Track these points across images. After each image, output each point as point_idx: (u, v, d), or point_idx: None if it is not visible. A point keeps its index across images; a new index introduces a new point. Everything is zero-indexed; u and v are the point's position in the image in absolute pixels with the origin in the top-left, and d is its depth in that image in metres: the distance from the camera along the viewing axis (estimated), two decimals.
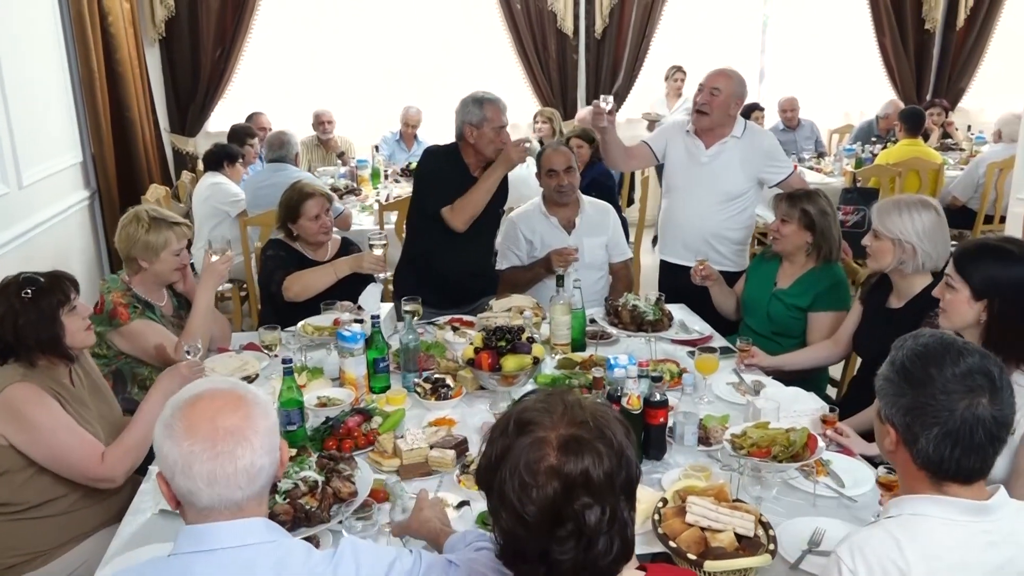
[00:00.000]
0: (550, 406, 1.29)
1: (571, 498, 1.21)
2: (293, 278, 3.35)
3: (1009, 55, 8.22)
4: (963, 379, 1.42)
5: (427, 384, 2.70)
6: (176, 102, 6.98)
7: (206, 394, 1.39)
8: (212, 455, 1.32)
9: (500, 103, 3.50)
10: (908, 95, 8.10)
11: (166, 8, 6.65)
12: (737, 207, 3.76)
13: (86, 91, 5.39)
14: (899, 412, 1.47)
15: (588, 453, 1.23)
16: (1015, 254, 2.04)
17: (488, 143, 3.44)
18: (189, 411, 1.36)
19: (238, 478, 1.34)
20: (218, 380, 1.48)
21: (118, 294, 2.83)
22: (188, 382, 2.40)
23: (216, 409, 1.36)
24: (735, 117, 3.73)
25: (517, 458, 1.24)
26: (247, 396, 1.41)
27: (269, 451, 1.39)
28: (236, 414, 1.36)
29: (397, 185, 6.08)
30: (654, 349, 3.03)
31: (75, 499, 2.28)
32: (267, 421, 1.40)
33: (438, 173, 3.55)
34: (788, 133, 7.35)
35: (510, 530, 1.26)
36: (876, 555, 1.40)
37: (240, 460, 1.34)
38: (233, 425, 1.35)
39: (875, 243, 2.72)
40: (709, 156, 3.72)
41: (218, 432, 1.34)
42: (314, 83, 7.44)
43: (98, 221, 5.70)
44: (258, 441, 1.36)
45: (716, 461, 2.29)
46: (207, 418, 1.35)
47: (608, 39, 7.55)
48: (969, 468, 1.43)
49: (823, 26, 8.25)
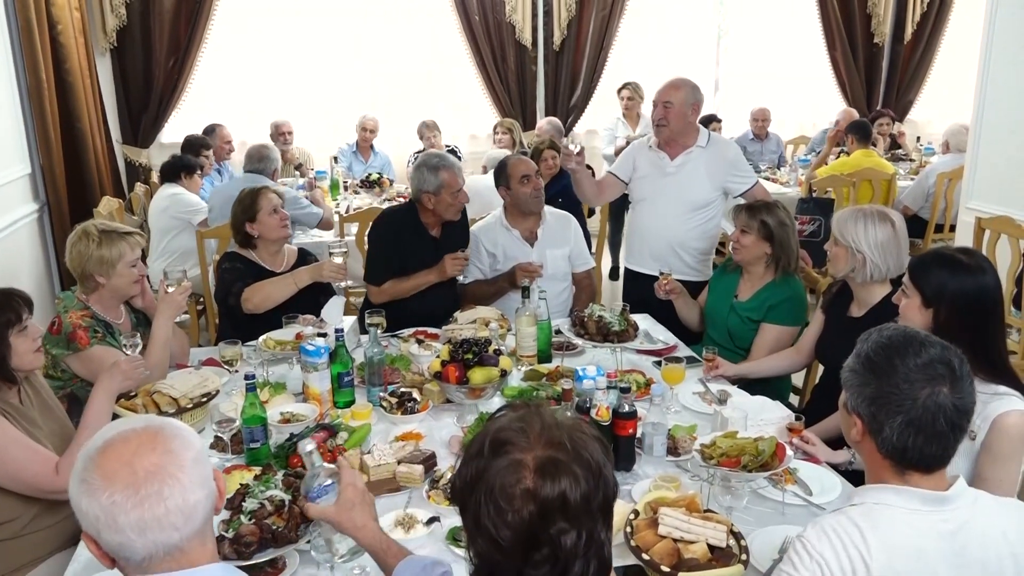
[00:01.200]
0: (526, 425, 1.26)
1: (547, 523, 1.19)
2: (252, 289, 3.29)
3: (955, 69, 8.47)
4: (924, 368, 1.48)
5: (393, 398, 2.66)
6: (128, 113, 6.85)
7: (118, 437, 1.27)
8: (136, 501, 1.22)
9: (455, 166, 3.50)
10: (859, 107, 8.30)
11: (117, 17, 6.53)
12: (703, 217, 3.80)
13: (34, 101, 5.25)
14: (864, 402, 1.52)
15: (565, 476, 1.20)
16: (965, 264, 2.11)
17: (447, 207, 3.49)
18: (102, 459, 1.25)
19: (171, 519, 1.24)
20: (129, 420, 1.36)
21: (76, 315, 2.73)
22: (129, 378, 2.38)
23: (131, 451, 1.25)
24: (695, 124, 3.78)
25: (492, 480, 1.21)
26: (164, 429, 1.31)
27: (201, 483, 1.29)
28: (155, 452, 1.26)
29: (357, 196, 6.04)
30: (620, 359, 3.04)
31: (27, 521, 2.20)
32: (191, 451, 1.30)
33: (395, 240, 3.56)
34: (756, 143, 7.46)
35: (485, 553, 1.24)
36: (840, 541, 1.45)
37: (169, 500, 1.24)
38: (154, 464, 1.24)
39: (833, 248, 2.78)
40: (675, 167, 3.76)
41: (138, 475, 1.23)
42: (270, 94, 7.36)
43: (48, 234, 5.55)
44: (186, 476, 1.26)
45: (685, 471, 2.30)
46: (123, 462, 1.24)
47: (567, 51, 7.61)
48: (931, 456, 1.48)
49: (777, 40, 8.44)
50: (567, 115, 7.74)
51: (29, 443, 2.14)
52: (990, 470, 1.97)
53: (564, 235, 3.88)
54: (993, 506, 1.53)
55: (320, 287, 3.43)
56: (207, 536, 1.33)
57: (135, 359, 2.42)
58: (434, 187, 3.46)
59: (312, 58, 7.43)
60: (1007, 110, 4.90)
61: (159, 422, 1.34)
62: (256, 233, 3.41)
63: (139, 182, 6.49)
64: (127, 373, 2.37)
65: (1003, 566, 1.47)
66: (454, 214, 3.53)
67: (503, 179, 3.76)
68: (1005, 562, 1.47)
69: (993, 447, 1.97)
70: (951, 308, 2.09)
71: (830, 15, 8.17)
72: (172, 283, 2.89)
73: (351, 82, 7.54)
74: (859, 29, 8.32)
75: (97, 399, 2.31)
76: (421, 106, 7.39)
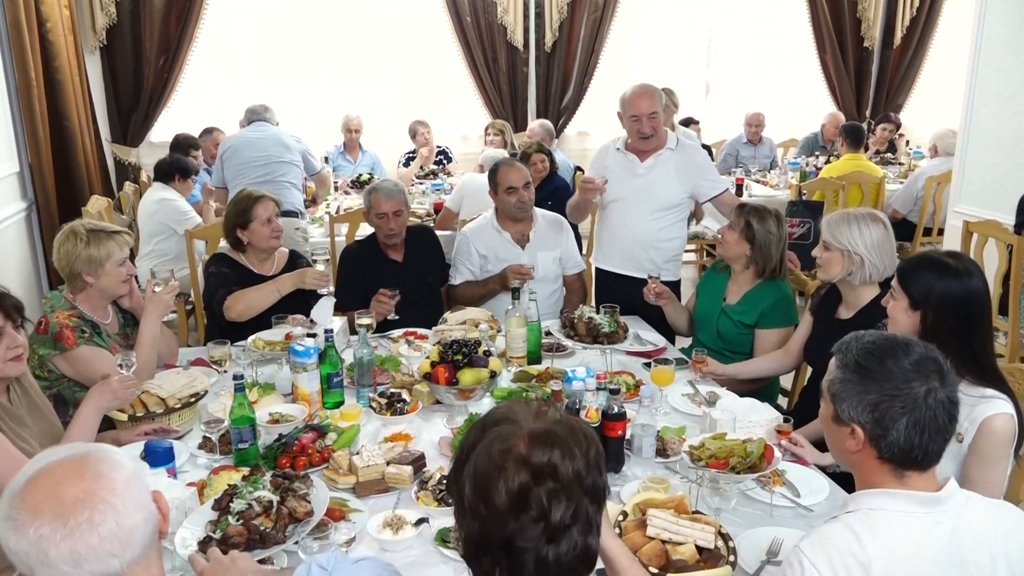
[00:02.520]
0: (522, 408, 1.31)
1: (538, 483, 1.21)
2: (235, 297, 3.28)
3: (943, 73, 8.52)
4: (918, 367, 1.49)
5: (382, 399, 2.66)
6: (118, 111, 6.82)
7: (42, 471, 1.21)
8: (66, 532, 1.15)
9: (384, 191, 3.63)
10: (849, 111, 8.35)
11: (107, 15, 6.50)
12: (673, 217, 3.79)
13: (23, 99, 5.22)
14: (866, 409, 1.50)
15: (558, 447, 1.23)
16: (952, 267, 2.12)
17: (379, 229, 3.67)
18: (27, 493, 1.19)
19: (107, 546, 1.18)
20: (53, 450, 1.28)
21: (63, 315, 2.70)
22: (119, 397, 2.35)
23: (55, 481, 1.19)
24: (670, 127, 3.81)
25: (487, 447, 1.25)
26: (91, 454, 1.24)
27: (138, 506, 1.23)
28: (83, 478, 1.20)
29: (347, 197, 6.03)
30: (610, 361, 3.04)
31: None
32: (122, 473, 1.23)
33: (356, 272, 3.67)
34: (750, 148, 7.47)
35: (475, 527, 1.25)
36: (837, 549, 1.44)
37: (102, 527, 1.17)
38: (82, 491, 1.18)
39: (825, 254, 2.78)
40: (645, 168, 3.75)
41: (65, 504, 1.17)
42: (261, 93, 7.30)
43: (36, 233, 5.51)
44: (119, 500, 1.20)
45: (674, 472, 2.30)
46: (48, 494, 1.17)
47: (558, 53, 7.62)
48: (934, 452, 1.50)
49: (767, 42, 8.47)
50: (558, 116, 7.75)
51: (11, 449, 2.10)
52: (977, 472, 1.99)
53: (555, 238, 3.88)
54: (984, 506, 1.54)
55: (305, 291, 3.41)
56: (152, 561, 1.27)
57: (127, 378, 2.38)
58: (367, 207, 3.68)
59: (303, 58, 7.42)
60: (995, 115, 4.94)
61: (85, 448, 1.27)
62: (246, 240, 3.40)
63: (128, 181, 6.46)
64: (117, 393, 2.34)
65: (996, 566, 1.47)
66: (385, 237, 3.64)
67: (493, 183, 3.78)
68: (999, 562, 1.48)
69: (980, 450, 1.98)
70: (939, 311, 2.11)
71: (820, 18, 8.21)
72: (159, 282, 2.87)
73: (342, 82, 7.53)
74: (849, 33, 8.36)
75: (84, 415, 2.28)
76: (412, 107, 7.38)
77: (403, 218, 3.65)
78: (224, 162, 5.19)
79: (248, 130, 5.32)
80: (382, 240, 3.65)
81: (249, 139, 5.21)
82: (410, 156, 6.92)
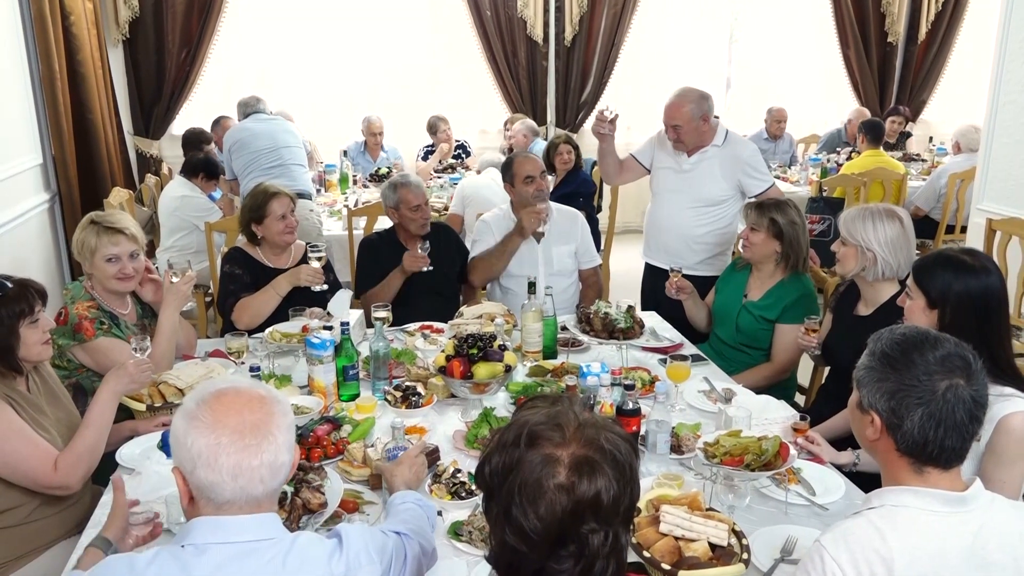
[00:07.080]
0: (562, 421, 1.26)
1: (578, 521, 1.20)
2: (240, 309, 3.30)
3: (969, 69, 8.41)
4: (942, 362, 1.48)
5: (398, 392, 2.67)
6: (140, 104, 6.88)
7: (230, 390, 1.42)
8: (239, 447, 1.35)
9: (412, 184, 3.67)
10: (872, 107, 8.25)
11: (130, 9, 6.56)
12: (716, 213, 3.81)
13: (47, 91, 5.27)
14: (883, 397, 1.51)
15: (599, 476, 1.21)
16: (969, 265, 2.10)
17: (410, 221, 3.69)
18: (216, 404, 1.38)
19: (262, 472, 1.37)
20: (237, 379, 1.51)
21: (82, 306, 2.73)
22: (135, 381, 2.39)
23: (242, 404, 1.39)
24: (710, 128, 3.77)
25: (527, 472, 1.22)
26: (269, 395, 1.45)
27: (289, 449, 1.43)
28: (261, 410, 1.40)
29: (366, 190, 6.05)
30: (625, 357, 3.03)
31: (32, 509, 2.21)
32: (287, 419, 1.44)
33: (375, 262, 3.73)
34: (770, 143, 7.42)
35: (509, 543, 1.24)
36: (860, 544, 1.43)
37: (265, 454, 1.37)
38: (259, 420, 1.38)
39: (841, 249, 2.77)
40: (691, 164, 3.80)
41: (245, 425, 1.37)
42: (281, 86, 7.37)
43: (58, 225, 5.56)
44: (281, 437, 1.40)
45: (688, 469, 2.29)
46: (234, 411, 1.38)
47: (578, 47, 7.59)
48: (951, 449, 1.48)
49: (789, 38, 8.39)
50: (577, 111, 7.73)
51: (32, 435, 2.14)
52: (994, 472, 1.96)
53: (571, 232, 3.87)
54: (1008, 508, 1.53)
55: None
56: (275, 498, 1.47)
57: (142, 362, 2.40)
58: (393, 203, 3.69)
59: (323, 51, 7.44)
60: (1020, 111, 4.86)
61: (264, 387, 1.50)
62: (260, 234, 3.43)
63: (149, 173, 6.51)
64: (133, 376, 2.37)
65: (1020, 568, 1.46)
66: (419, 228, 3.68)
67: (508, 176, 3.79)
68: (1021, 564, 1.46)
69: (998, 448, 1.96)
70: (956, 309, 2.08)
71: (844, 13, 8.11)
72: (177, 273, 2.90)
73: (362, 76, 7.55)
74: (873, 28, 8.25)
75: (102, 399, 2.31)
76: (432, 101, 7.39)
77: (428, 210, 3.77)
78: (232, 155, 5.26)
79: (248, 121, 5.36)
80: (415, 232, 3.68)
81: (254, 131, 5.26)
82: (429, 150, 6.93)
